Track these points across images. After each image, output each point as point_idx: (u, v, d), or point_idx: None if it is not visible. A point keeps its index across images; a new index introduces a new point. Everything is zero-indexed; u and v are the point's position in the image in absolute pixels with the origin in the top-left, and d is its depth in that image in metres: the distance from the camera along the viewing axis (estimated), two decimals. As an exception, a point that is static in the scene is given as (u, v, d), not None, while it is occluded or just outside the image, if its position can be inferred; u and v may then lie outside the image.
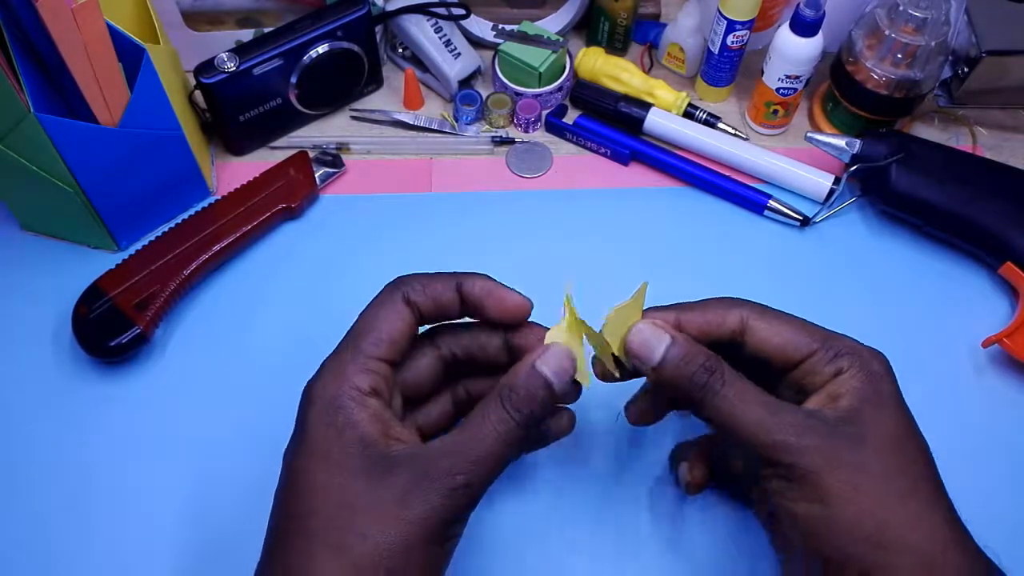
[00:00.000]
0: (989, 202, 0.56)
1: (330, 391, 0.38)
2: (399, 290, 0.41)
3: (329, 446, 0.37)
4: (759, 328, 0.41)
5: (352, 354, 0.39)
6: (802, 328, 0.41)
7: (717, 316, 0.41)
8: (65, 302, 0.53)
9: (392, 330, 0.40)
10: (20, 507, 0.48)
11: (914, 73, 0.57)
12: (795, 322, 0.41)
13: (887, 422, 0.39)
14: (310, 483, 0.37)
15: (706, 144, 0.62)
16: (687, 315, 0.42)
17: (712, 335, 0.41)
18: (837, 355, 0.40)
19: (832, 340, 0.40)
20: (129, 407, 0.52)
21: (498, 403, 0.38)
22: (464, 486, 0.36)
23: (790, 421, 0.38)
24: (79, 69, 0.47)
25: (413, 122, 0.63)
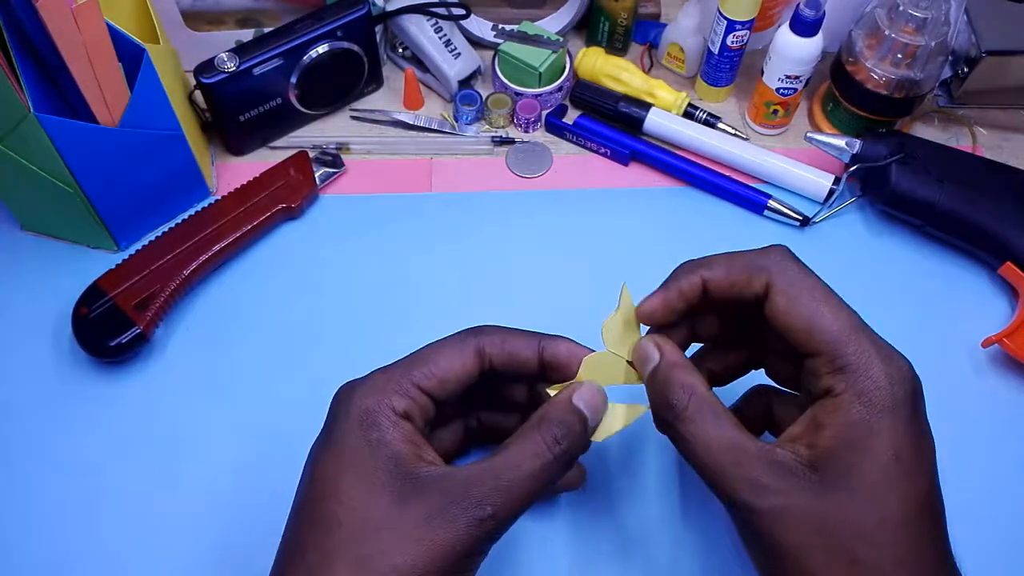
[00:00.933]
0: (989, 202, 0.56)
1: (368, 403, 0.38)
2: (476, 338, 0.41)
3: (361, 458, 0.37)
4: (777, 303, 0.38)
5: (400, 376, 0.39)
6: (820, 316, 0.37)
7: (742, 279, 0.39)
8: (65, 302, 0.53)
9: (449, 369, 0.40)
10: (20, 507, 0.48)
11: (914, 73, 0.57)
12: (819, 306, 0.37)
13: (870, 472, 0.35)
14: (337, 492, 0.36)
15: (706, 144, 0.62)
16: (713, 273, 0.40)
17: (738, 296, 0.39)
18: (839, 368, 0.36)
19: (845, 345, 0.36)
20: (129, 407, 0.52)
21: (536, 435, 0.38)
22: (491, 517, 0.36)
23: (745, 473, 0.36)
24: (79, 69, 0.47)
25: (413, 122, 0.63)
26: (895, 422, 0.35)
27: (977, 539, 0.46)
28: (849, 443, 0.35)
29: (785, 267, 0.39)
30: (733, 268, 0.40)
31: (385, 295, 0.56)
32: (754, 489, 0.35)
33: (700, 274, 0.40)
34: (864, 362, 0.36)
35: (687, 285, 0.40)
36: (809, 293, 0.38)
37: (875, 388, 0.35)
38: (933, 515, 0.36)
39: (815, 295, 0.38)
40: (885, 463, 0.35)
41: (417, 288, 0.56)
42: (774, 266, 0.39)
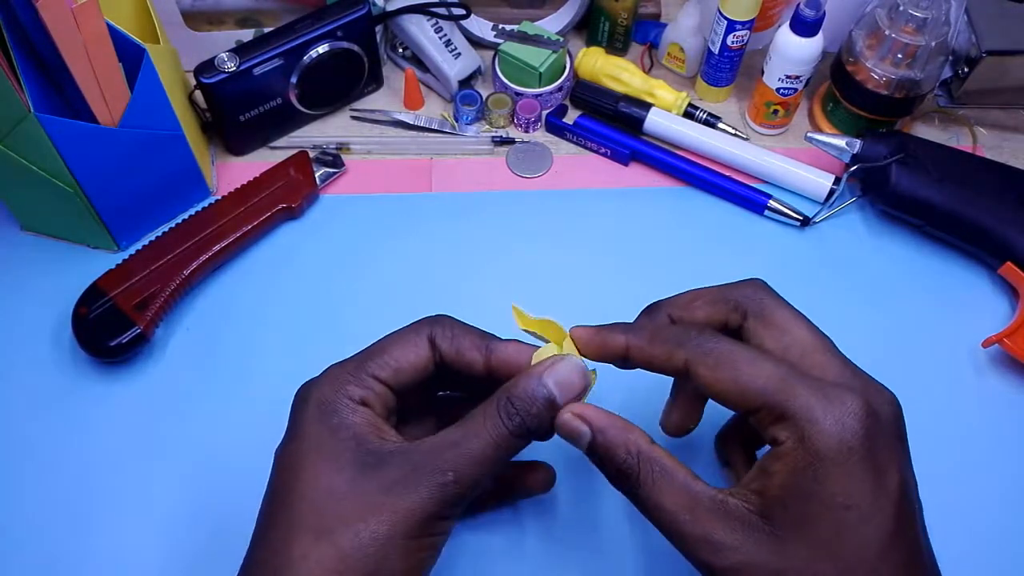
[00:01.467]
0: (989, 202, 0.56)
1: (325, 394, 0.39)
2: (429, 328, 0.41)
3: (322, 441, 0.37)
4: (701, 376, 0.37)
5: (356, 368, 0.39)
6: (747, 377, 0.36)
7: (663, 353, 0.39)
8: (65, 302, 0.53)
9: (403, 360, 0.40)
10: (20, 506, 0.48)
11: (914, 73, 0.57)
12: (740, 367, 0.36)
13: (821, 522, 0.34)
14: (299, 473, 0.37)
15: (706, 144, 0.62)
16: (636, 345, 0.39)
17: (660, 369, 0.39)
18: (779, 418, 0.35)
19: (780, 395, 0.35)
20: (129, 407, 0.52)
21: (494, 409, 0.38)
22: (453, 482, 0.36)
23: (700, 531, 0.35)
24: (79, 69, 0.47)
25: (413, 122, 0.63)
26: (844, 467, 0.34)
27: (977, 539, 0.46)
28: (797, 492, 0.34)
29: (702, 340, 0.38)
30: (654, 343, 0.39)
31: (385, 295, 0.56)
32: (710, 548, 0.35)
33: (625, 340, 0.40)
34: (803, 409, 0.35)
35: (612, 340, 0.40)
36: (729, 357, 0.37)
37: (818, 433, 0.34)
38: (907, 552, 0.34)
39: (736, 357, 0.37)
40: (835, 511, 0.34)
41: (417, 288, 0.56)
42: (690, 342, 0.38)
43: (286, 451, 0.39)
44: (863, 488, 0.34)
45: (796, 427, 0.35)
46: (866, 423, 0.34)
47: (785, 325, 0.39)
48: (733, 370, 0.36)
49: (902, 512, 0.34)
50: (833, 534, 0.34)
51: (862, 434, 0.34)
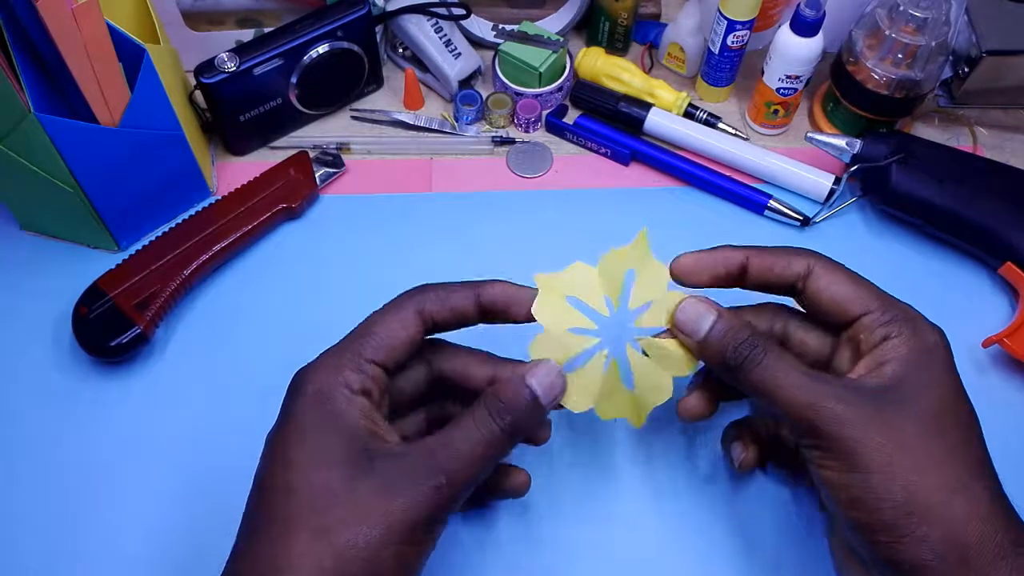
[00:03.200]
0: (989, 202, 0.56)
1: (321, 381, 0.39)
2: (413, 299, 0.42)
3: (315, 431, 0.38)
4: (821, 277, 0.42)
5: (350, 353, 0.40)
6: (863, 287, 0.42)
7: (783, 260, 0.43)
8: (65, 302, 0.53)
9: (394, 337, 0.40)
10: (20, 506, 0.48)
11: (914, 73, 0.57)
12: (859, 281, 0.43)
13: (930, 391, 0.39)
14: (293, 462, 0.37)
15: (706, 144, 0.62)
16: (756, 255, 0.44)
17: (778, 276, 0.43)
18: (891, 320, 0.41)
19: (890, 305, 0.41)
20: (129, 407, 0.52)
21: (483, 410, 0.39)
22: (447, 485, 0.37)
23: (826, 391, 0.39)
24: (79, 69, 0.47)
25: (413, 122, 0.63)
26: (942, 361, 0.40)
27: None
28: (912, 373, 0.39)
29: (823, 257, 0.43)
30: (776, 252, 0.44)
31: (385, 295, 0.56)
32: (836, 402, 0.38)
33: (744, 253, 0.44)
34: (912, 316, 0.41)
35: (731, 255, 0.44)
36: (849, 273, 0.43)
37: (924, 331, 0.41)
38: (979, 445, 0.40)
39: (855, 275, 0.43)
40: (940, 391, 0.40)
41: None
42: (814, 254, 0.43)
43: (278, 438, 0.39)
44: (954, 382, 0.40)
45: (907, 326, 0.41)
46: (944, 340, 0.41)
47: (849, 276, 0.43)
48: (853, 279, 0.43)
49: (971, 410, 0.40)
50: (946, 407, 0.39)
51: (944, 342, 0.41)
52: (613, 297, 0.44)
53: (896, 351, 0.40)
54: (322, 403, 0.38)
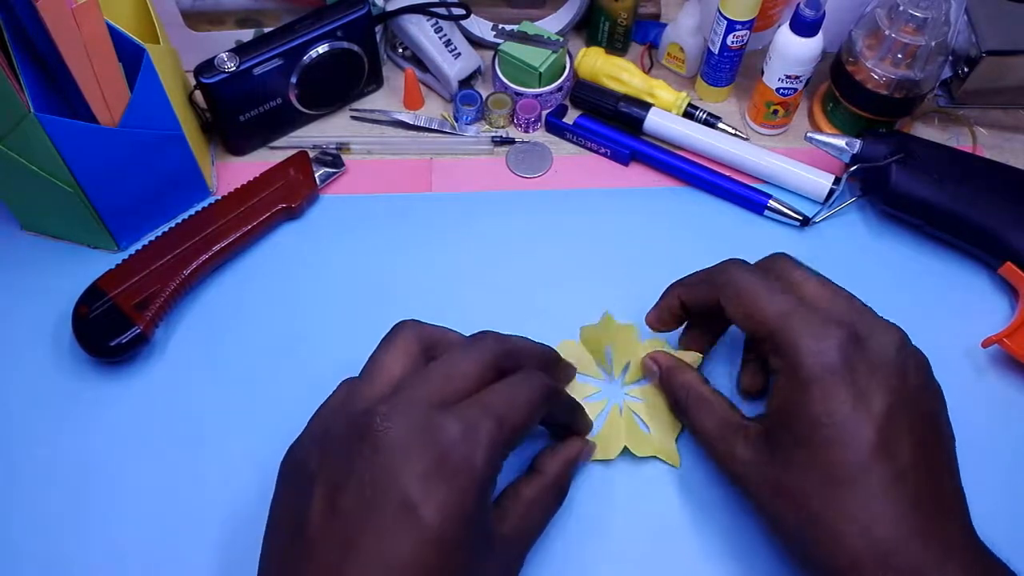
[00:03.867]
0: (989, 202, 0.56)
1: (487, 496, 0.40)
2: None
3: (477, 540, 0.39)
4: (725, 307, 0.45)
5: (505, 443, 0.41)
6: (756, 309, 0.43)
7: (700, 291, 0.48)
8: (65, 302, 0.53)
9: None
10: (20, 507, 0.48)
11: (914, 73, 0.57)
12: (752, 300, 0.43)
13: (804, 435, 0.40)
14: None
15: (706, 144, 0.62)
16: (683, 291, 0.49)
17: (709, 308, 0.47)
18: (775, 349, 0.42)
19: (780, 325, 0.42)
20: (129, 407, 0.52)
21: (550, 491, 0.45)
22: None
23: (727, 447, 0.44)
24: (79, 69, 0.47)
25: (413, 122, 0.63)
26: (823, 389, 0.40)
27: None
28: (789, 412, 0.41)
29: (729, 276, 0.45)
30: (697, 286, 0.48)
31: (385, 295, 0.56)
32: (731, 460, 0.44)
33: (677, 292, 0.50)
34: (792, 338, 0.41)
35: (671, 300, 0.50)
36: (748, 291, 0.44)
37: (801, 360, 0.40)
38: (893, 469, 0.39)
39: (754, 291, 0.44)
40: (818, 428, 0.40)
41: (417, 288, 0.56)
42: (721, 277, 0.46)
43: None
44: (841, 407, 0.39)
45: (786, 355, 0.41)
46: (846, 351, 0.40)
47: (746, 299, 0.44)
48: (746, 303, 0.44)
49: (886, 432, 0.39)
50: (817, 448, 0.39)
51: (840, 360, 0.40)
52: (602, 363, 0.53)
53: (775, 388, 0.42)
54: (483, 516, 0.40)
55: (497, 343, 0.42)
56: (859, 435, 0.39)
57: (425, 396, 0.39)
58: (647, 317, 0.51)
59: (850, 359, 0.40)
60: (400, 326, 0.43)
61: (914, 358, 0.42)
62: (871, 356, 0.41)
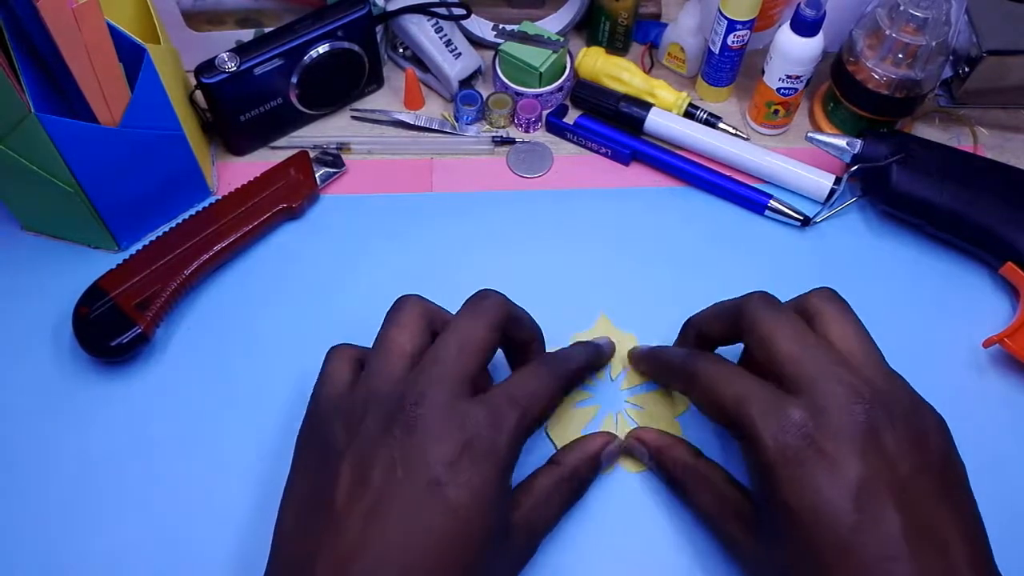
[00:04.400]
0: (990, 202, 0.56)
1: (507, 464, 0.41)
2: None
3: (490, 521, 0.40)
4: (690, 398, 0.45)
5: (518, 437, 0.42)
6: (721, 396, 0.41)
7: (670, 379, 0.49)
8: (65, 302, 0.53)
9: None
10: (20, 507, 0.48)
11: (915, 73, 0.57)
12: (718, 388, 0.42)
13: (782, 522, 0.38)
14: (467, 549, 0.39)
15: (706, 144, 0.62)
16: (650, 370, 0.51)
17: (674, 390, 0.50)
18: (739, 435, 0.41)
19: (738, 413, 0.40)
20: (129, 407, 0.52)
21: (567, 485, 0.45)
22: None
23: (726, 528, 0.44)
24: (79, 69, 0.47)
25: (413, 122, 0.63)
26: (788, 473, 0.38)
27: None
28: (763, 499, 0.40)
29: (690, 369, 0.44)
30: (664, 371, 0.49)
31: (385, 295, 0.56)
32: (731, 543, 0.43)
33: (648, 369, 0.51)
34: (749, 427, 0.39)
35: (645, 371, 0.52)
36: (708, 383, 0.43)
37: (760, 448, 0.39)
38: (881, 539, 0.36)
39: (714, 381, 0.42)
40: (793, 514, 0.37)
41: (417, 288, 0.56)
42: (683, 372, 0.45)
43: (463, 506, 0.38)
44: (809, 490, 0.37)
45: (746, 442, 0.40)
46: (805, 430, 0.38)
47: (768, 336, 0.42)
48: (706, 392, 0.42)
49: (867, 504, 0.36)
50: (797, 537, 0.37)
51: (799, 442, 0.38)
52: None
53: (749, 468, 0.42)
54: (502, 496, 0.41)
55: (499, 305, 0.44)
56: (835, 514, 0.36)
57: (448, 374, 0.40)
58: (628, 354, 0.53)
59: (810, 436, 0.38)
60: (403, 301, 0.45)
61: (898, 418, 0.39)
62: (831, 424, 0.38)
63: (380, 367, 0.42)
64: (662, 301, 0.56)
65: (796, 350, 0.41)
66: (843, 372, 0.39)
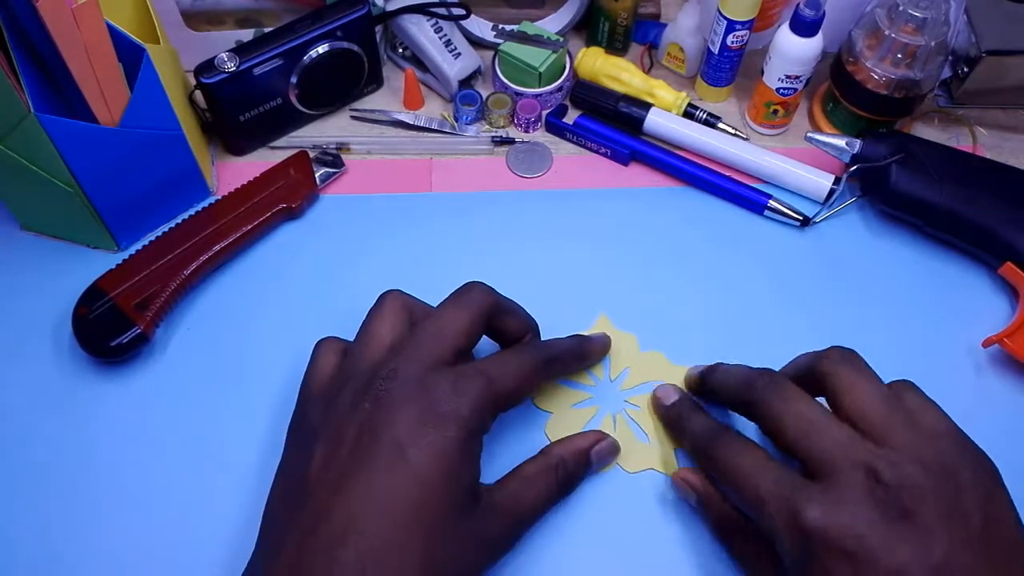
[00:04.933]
0: (989, 202, 0.56)
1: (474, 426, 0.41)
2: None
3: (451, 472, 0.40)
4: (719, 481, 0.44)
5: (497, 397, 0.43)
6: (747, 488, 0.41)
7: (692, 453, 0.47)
8: (65, 302, 0.53)
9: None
10: (21, 507, 0.48)
11: (914, 73, 0.57)
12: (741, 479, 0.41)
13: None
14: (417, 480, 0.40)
15: (706, 144, 0.62)
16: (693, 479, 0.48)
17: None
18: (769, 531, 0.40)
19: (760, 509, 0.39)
20: (129, 407, 0.52)
21: (553, 473, 0.45)
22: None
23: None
24: (79, 69, 0.47)
25: (413, 122, 0.63)
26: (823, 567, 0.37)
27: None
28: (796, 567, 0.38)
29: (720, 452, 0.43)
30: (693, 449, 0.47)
31: (385, 295, 0.56)
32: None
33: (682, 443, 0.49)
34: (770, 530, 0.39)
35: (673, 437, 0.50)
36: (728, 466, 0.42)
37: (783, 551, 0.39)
38: None
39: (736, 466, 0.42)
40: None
41: (416, 288, 0.56)
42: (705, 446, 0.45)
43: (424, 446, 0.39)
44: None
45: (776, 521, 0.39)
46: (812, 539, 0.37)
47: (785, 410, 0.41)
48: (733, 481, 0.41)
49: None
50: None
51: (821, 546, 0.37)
52: (595, 368, 0.52)
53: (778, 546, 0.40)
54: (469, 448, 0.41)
55: (484, 296, 0.45)
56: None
57: (421, 355, 0.41)
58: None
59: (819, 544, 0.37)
60: (385, 295, 0.46)
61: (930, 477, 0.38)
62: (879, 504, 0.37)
63: (359, 352, 0.44)
64: (662, 301, 0.56)
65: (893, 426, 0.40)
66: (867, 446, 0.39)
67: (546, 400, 0.51)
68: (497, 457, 0.48)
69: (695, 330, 0.54)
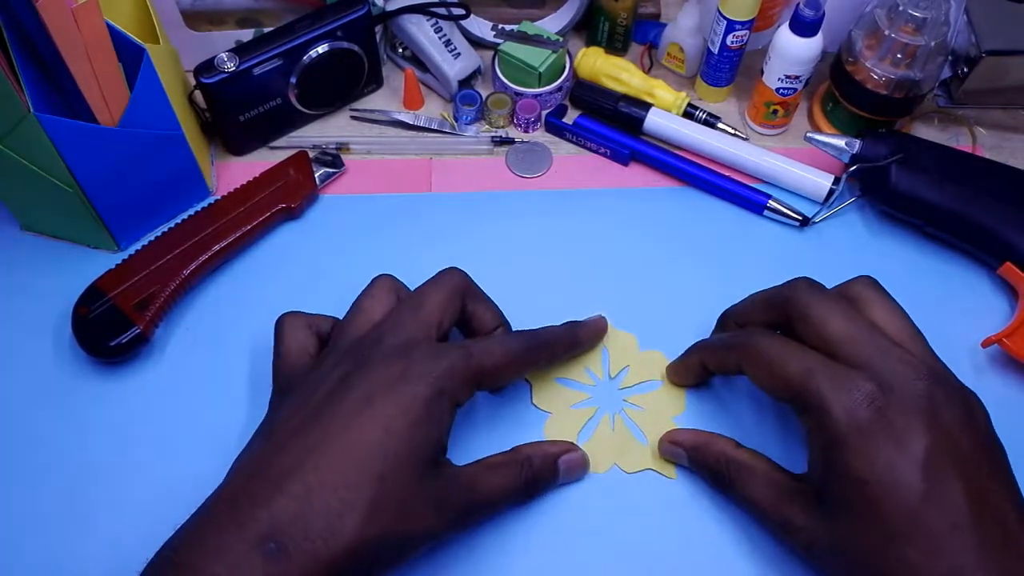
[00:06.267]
0: (989, 202, 0.56)
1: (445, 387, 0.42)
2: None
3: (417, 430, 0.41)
4: (747, 373, 0.44)
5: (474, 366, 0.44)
6: (778, 375, 0.42)
7: (722, 360, 0.47)
8: (65, 302, 0.53)
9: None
10: (20, 507, 0.48)
11: (914, 73, 0.58)
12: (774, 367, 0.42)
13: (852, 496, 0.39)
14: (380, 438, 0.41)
15: (706, 144, 0.62)
16: (706, 353, 0.48)
17: (727, 371, 0.47)
18: (803, 410, 0.41)
19: (804, 385, 0.40)
20: (129, 407, 0.52)
21: (518, 467, 0.45)
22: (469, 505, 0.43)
23: (781, 515, 0.43)
24: (79, 69, 0.47)
25: (413, 122, 0.63)
26: (857, 446, 0.39)
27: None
28: (829, 474, 0.40)
29: (750, 342, 0.44)
30: (716, 351, 0.47)
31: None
32: (790, 530, 0.42)
33: (699, 355, 0.49)
34: (817, 398, 0.40)
35: (692, 361, 0.50)
36: (770, 357, 0.43)
37: (829, 420, 0.39)
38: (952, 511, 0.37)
39: (776, 355, 0.42)
40: (861, 487, 0.38)
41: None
42: (741, 347, 0.45)
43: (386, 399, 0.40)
44: (881, 462, 0.38)
45: (814, 415, 0.40)
46: (875, 403, 0.39)
47: (821, 319, 0.43)
48: (768, 366, 0.42)
49: (934, 475, 0.38)
50: (868, 505, 0.38)
51: (870, 414, 0.39)
52: (595, 368, 0.52)
53: (810, 448, 0.42)
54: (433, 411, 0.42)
55: (459, 277, 0.48)
56: (906, 484, 0.38)
57: (404, 325, 0.44)
58: (666, 369, 0.52)
59: (881, 410, 0.39)
60: (377, 278, 0.49)
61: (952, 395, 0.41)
62: (900, 401, 0.39)
63: (348, 326, 0.46)
64: (661, 301, 0.56)
65: (852, 331, 0.42)
66: (900, 351, 0.41)
67: (545, 400, 0.51)
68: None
69: (695, 330, 0.54)
